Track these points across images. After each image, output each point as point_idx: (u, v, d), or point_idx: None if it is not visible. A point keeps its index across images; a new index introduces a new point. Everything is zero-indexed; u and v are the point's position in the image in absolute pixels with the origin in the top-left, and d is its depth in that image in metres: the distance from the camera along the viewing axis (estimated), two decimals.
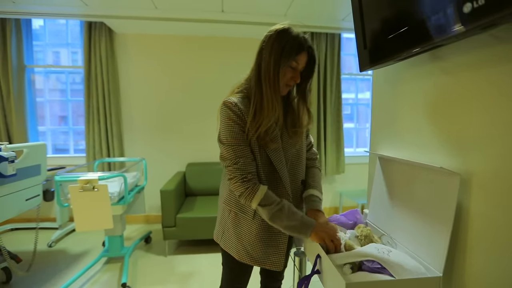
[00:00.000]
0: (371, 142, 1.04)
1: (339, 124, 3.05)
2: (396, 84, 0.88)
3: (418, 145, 0.78)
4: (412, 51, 0.65)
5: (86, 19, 2.56)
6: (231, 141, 0.81)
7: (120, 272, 1.98)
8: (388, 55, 0.73)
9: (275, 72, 0.79)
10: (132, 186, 2.19)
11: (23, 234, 2.64)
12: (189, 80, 2.88)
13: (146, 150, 2.89)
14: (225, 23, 2.49)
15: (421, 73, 0.75)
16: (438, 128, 0.70)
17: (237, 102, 0.82)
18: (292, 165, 0.91)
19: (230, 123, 0.81)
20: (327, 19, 2.53)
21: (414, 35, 0.63)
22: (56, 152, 3.02)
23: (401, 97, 0.86)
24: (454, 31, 0.51)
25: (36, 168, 1.80)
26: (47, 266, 2.05)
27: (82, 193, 1.55)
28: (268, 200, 0.79)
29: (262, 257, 0.87)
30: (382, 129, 0.97)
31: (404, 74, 0.83)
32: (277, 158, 0.85)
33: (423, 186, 0.71)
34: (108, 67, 2.68)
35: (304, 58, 0.82)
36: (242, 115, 0.81)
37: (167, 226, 2.17)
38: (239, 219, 0.89)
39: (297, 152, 0.92)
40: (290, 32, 0.81)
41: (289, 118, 0.91)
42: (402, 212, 0.79)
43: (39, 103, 2.89)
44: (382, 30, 0.73)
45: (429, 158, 0.73)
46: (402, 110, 0.85)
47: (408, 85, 0.82)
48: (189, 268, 2.06)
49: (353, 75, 3.34)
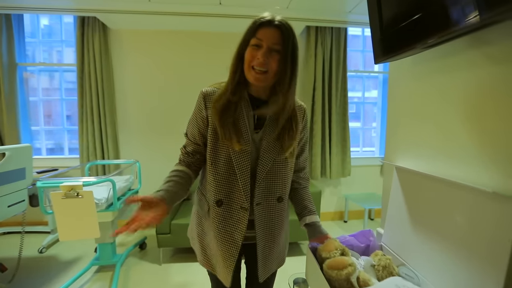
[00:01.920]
0: (386, 149, 0.88)
1: (345, 124, 2.89)
2: (421, 78, 0.72)
3: (450, 156, 0.62)
4: (445, 35, 0.50)
5: (78, 13, 2.43)
6: (187, 130, 0.85)
7: (111, 282, 1.86)
8: (412, 42, 0.57)
9: (235, 57, 0.75)
10: (124, 190, 2.06)
11: (15, 238, 2.54)
12: (187, 78, 2.74)
13: (142, 151, 2.77)
14: (223, 17, 2.34)
15: (457, 63, 0.60)
16: (483, 135, 0.54)
17: (210, 92, 0.79)
18: (271, 176, 0.78)
19: (194, 114, 0.82)
20: (333, 11, 2.37)
21: (449, 13, 0.48)
22: (50, 153, 2.92)
23: (427, 94, 0.70)
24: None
25: (20, 172, 1.68)
26: (35, 274, 1.94)
27: (65, 200, 1.42)
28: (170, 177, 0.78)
29: (216, 265, 0.81)
30: (401, 134, 0.81)
31: (432, 65, 0.68)
32: (239, 162, 0.74)
33: (460, 211, 0.55)
34: (102, 65, 2.55)
35: (267, 31, 0.69)
36: (205, 108, 0.78)
37: (162, 233, 2.04)
38: (199, 218, 0.86)
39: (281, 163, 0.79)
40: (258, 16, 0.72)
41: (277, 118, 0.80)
42: (428, 239, 0.64)
43: (32, 102, 2.79)
44: (406, 10, 0.58)
45: (465, 174, 0.57)
46: (428, 111, 0.70)
47: (437, 79, 0.66)
48: (185, 278, 1.93)
49: (359, 72, 3.17)
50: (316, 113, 2.79)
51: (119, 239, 2.50)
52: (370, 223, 3.00)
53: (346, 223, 3.01)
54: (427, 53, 0.68)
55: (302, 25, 2.64)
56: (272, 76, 0.71)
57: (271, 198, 0.79)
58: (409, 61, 0.77)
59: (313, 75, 2.76)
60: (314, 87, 2.78)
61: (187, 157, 0.83)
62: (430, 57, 0.67)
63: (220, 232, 0.76)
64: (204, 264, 0.83)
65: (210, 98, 0.77)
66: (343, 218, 3.09)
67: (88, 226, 1.49)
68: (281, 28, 0.69)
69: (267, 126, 0.78)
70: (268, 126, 0.78)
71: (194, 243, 0.87)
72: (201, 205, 0.84)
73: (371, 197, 2.91)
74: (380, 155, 3.07)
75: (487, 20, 0.41)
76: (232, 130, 0.73)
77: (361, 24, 2.73)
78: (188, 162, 0.83)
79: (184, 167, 0.81)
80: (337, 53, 2.79)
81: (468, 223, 0.53)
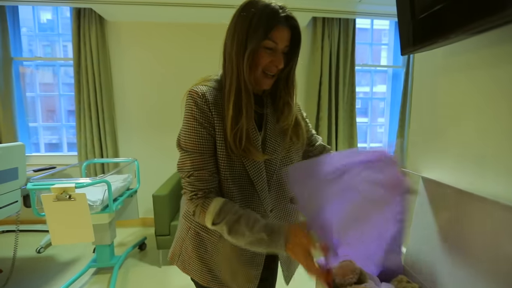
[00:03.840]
0: (409, 155, 0.77)
1: (352, 121, 2.76)
2: (455, 73, 0.61)
3: (492, 168, 0.51)
4: (493, 21, 0.39)
5: (73, 4, 2.33)
6: (190, 147, 0.63)
7: (108, 285, 1.80)
8: (452, 26, 0.46)
9: (240, 59, 0.61)
10: (123, 189, 1.99)
11: (12, 236, 2.49)
12: (187, 73, 2.63)
13: (142, 149, 2.68)
14: (225, 8, 2.21)
15: (500, 55, 0.49)
16: None
17: (206, 94, 0.63)
18: (280, 178, 0.71)
19: (192, 123, 0.63)
20: (342, 1, 2.22)
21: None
22: (49, 149, 2.85)
23: (463, 92, 0.58)
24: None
25: (12, 171, 1.61)
26: (31, 276, 1.89)
27: (57, 203, 1.35)
28: (223, 214, 0.60)
29: (230, 280, 0.71)
30: (429, 139, 0.70)
31: (470, 57, 0.56)
32: (255, 171, 0.65)
33: (505, 236, 0.45)
34: (99, 59, 2.45)
35: (283, 33, 0.61)
36: (209, 112, 0.63)
37: (161, 235, 1.97)
38: (201, 239, 0.72)
39: (286, 161, 0.71)
40: (258, 2, 0.60)
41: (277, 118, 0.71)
42: (461, 264, 0.54)
43: (29, 98, 2.71)
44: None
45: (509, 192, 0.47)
46: (464, 112, 0.58)
47: (476, 74, 0.55)
48: (184, 281, 1.86)
49: (367, 66, 3.02)
50: (322, 109, 2.67)
51: (117, 239, 2.44)
52: None
53: None
54: (462, 44, 0.56)
55: (309, 16, 2.50)
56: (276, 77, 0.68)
57: (284, 201, 0.73)
58: (438, 53, 0.65)
59: (319, 69, 2.63)
60: (321, 82, 2.65)
61: (207, 192, 0.63)
62: (469, 46, 0.55)
63: (241, 249, 0.66)
64: (212, 283, 0.72)
65: (209, 100, 0.64)
66: None
67: (82, 229, 1.42)
68: (296, 28, 0.63)
69: (268, 125, 0.70)
70: (269, 125, 0.70)
71: (191, 267, 0.74)
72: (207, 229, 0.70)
73: None
74: None
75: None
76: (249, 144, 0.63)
77: (371, 14, 2.58)
78: (215, 188, 0.65)
79: (219, 198, 0.63)
80: (345, 46, 2.65)
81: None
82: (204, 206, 0.61)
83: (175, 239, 0.79)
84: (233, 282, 0.72)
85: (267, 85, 0.67)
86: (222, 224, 0.59)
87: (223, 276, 0.72)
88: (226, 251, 0.70)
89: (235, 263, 0.70)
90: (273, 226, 0.59)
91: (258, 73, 0.64)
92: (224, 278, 0.72)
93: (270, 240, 0.57)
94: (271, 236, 0.57)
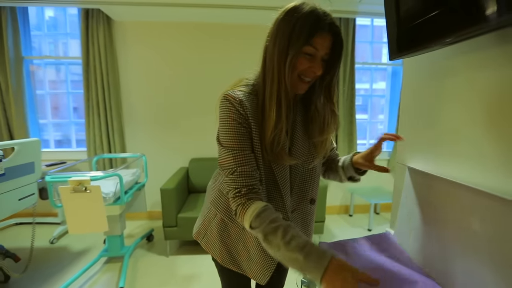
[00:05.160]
0: (398, 148, 0.86)
1: (352, 117, 2.84)
2: (436, 77, 0.69)
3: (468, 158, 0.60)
4: (471, 32, 0.47)
5: (82, 6, 2.41)
6: (233, 144, 0.64)
7: (120, 273, 1.90)
8: (430, 39, 0.54)
9: (281, 64, 0.60)
10: (132, 183, 2.08)
11: (27, 228, 2.61)
12: (192, 71, 2.71)
13: (148, 145, 2.78)
14: (232, 8, 2.28)
15: (480, 60, 0.57)
16: (500, 141, 0.52)
17: (242, 98, 0.65)
18: (303, 181, 0.76)
19: (232, 123, 0.64)
20: (343, 1, 2.29)
21: (473, 9, 0.44)
22: (58, 145, 2.96)
23: (447, 93, 0.67)
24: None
25: (29, 166, 1.71)
26: (47, 264, 2.01)
27: (74, 194, 1.45)
28: (262, 220, 0.59)
29: (246, 266, 0.78)
30: (415, 133, 0.78)
31: (453, 62, 0.64)
32: (281, 173, 0.70)
33: (481, 218, 0.53)
34: (107, 58, 2.54)
35: (325, 40, 0.60)
36: (246, 115, 0.64)
37: (168, 226, 2.07)
38: (226, 226, 0.77)
39: (308, 165, 0.75)
40: (302, 8, 0.59)
41: (311, 125, 0.73)
42: (442, 245, 0.62)
43: (39, 95, 2.81)
44: (426, 5, 0.54)
45: (482, 181, 0.55)
46: (447, 111, 0.67)
47: (458, 78, 0.63)
48: (191, 270, 1.97)
49: (367, 64, 3.09)
50: None
51: (126, 231, 2.55)
52: (376, 217, 2.99)
53: (352, 217, 3.01)
54: (447, 49, 0.64)
55: None
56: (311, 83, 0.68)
57: (305, 202, 0.78)
58: (424, 58, 0.73)
59: None
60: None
61: (251, 188, 0.64)
62: (449, 54, 0.63)
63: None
64: (230, 265, 0.80)
65: (246, 105, 0.65)
66: (348, 212, 3.09)
67: (97, 219, 1.52)
68: (338, 35, 0.62)
69: (297, 131, 0.73)
70: (297, 131, 0.72)
71: (214, 247, 0.82)
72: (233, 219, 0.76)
73: (377, 191, 2.89)
74: (388, 149, 3.02)
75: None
76: (281, 148, 0.66)
77: (371, 14, 2.64)
78: (257, 185, 0.66)
79: (260, 201, 0.63)
80: (345, 44, 2.70)
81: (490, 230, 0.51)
82: (244, 208, 0.62)
83: (201, 220, 0.86)
84: (248, 268, 0.78)
85: (302, 90, 0.67)
86: (258, 230, 0.59)
87: (240, 261, 0.79)
88: (247, 241, 0.76)
89: (253, 253, 0.76)
90: (311, 249, 0.53)
91: (294, 76, 0.64)
92: (241, 262, 0.79)
93: (305, 264, 0.52)
94: (307, 259, 0.52)
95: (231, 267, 0.80)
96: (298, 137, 0.72)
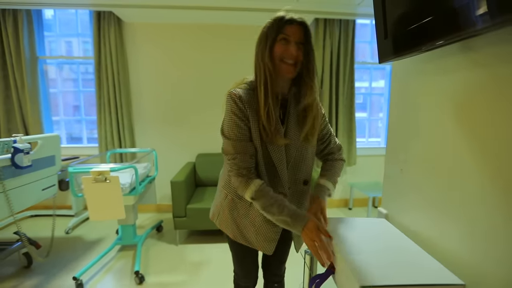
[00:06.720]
0: (388, 140, 0.98)
1: (352, 115, 2.96)
2: (418, 77, 0.82)
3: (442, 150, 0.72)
4: (439, 42, 0.59)
5: (94, 8, 2.53)
6: (232, 136, 0.82)
7: (133, 259, 2.04)
8: (412, 45, 0.67)
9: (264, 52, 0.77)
10: (143, 176, 2.22)
11: (42, 220, 2.76)
12: (199, 70, 2.84)
13: (157, 141, 2.91)
14: (235, 10, 2.41)
15: (448, 65, 0.69)
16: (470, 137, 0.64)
17: (242, 94, 0.81)
18: (296, 163, 0.89)
19: (233, 117, 0.81)
20: (342, 4, 2.41)
21: (443, 23, 0.57)
22: (70, 142, 3.09)
23: (423, 92, 0.79)
24: (488, 20, 0.45)
25: (50, 159, 1.84)
26: (64, 252, 2.14)
27: (95, 184, 1.58)
28: (260, 194, 0.80)
29: (254, 240, 0.93)
30: (401, 129, 0.91)
31: (428, 65, 0.77)
32: (277, 155, 0.85)
33: None
34: (117, 57, 2.67)
35: (293, 28, 0.77)
36: (244, 109, 0.81)
37: (178, 216, 2.20)
38: (235, 204, 0.92)
39: (303, 149, 0.88)
40: (276, 14, 0.78)
41: (302, 114, 0.86)
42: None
43: (52, 93, 2.94)
44: (407, 17, 0.67)
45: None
46: (424, 108, 0.79)
47: (432, 79, 0.76)
48: (200, 257, 2.10)
49: (367, 63, 3.21)
50: (323, 105, 2.85)
51: (138, 221, 2.69)
52: (374, 210, 3.12)
53: (351, 210, 3.14)
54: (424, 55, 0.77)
55: (311, 17, 2.69)
56: (297, 68, 0.81)
57: (298, 183, 0.92)
58: (410, 60, 0.86)
59: (321, 67, 2.82)
60: (322, 79, 2.85)
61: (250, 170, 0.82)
62: (426, 58, 0.76)
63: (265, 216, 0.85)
64: (240, 240, 0.94)
65: (244, 99, 0.81)
66: (348, 205, 3.22)
67: (115, 207, 1.65)
68: (303, 25, 0.78)
69: (290, 118, 0.86)
70: (291, 118, 0.86)
71: (226, 225, 0.95)
72: (241, 197, 0.89)
73: (375, 185, 3.02)
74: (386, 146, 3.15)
75: (475, 33, 0.50)
76: (274, 128, 0.81)
77: (370, 16, 2.75)
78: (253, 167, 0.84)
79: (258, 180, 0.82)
80: (345, 44, 2.83)
81: None
82: (246, 184, 0.81)
83: (215, 204, 1.01)
84: (256, 241, 0.92)
85: (290, 73, 0.80)
86: (258, 202, 0.80)
87: (249, 235, 0.93)
88: (253, 216, 0.91)
89: (259, 226, 0.91)
90: (297, 214, 0.77)
91: (277, 62, 0.78)
92: (250, 237, 0.93)
93: (292, 224, 0.76)
94: (294, 221, 0.76)
95: (241, 241, 0.95)
96: (291, 123, 0.86)
